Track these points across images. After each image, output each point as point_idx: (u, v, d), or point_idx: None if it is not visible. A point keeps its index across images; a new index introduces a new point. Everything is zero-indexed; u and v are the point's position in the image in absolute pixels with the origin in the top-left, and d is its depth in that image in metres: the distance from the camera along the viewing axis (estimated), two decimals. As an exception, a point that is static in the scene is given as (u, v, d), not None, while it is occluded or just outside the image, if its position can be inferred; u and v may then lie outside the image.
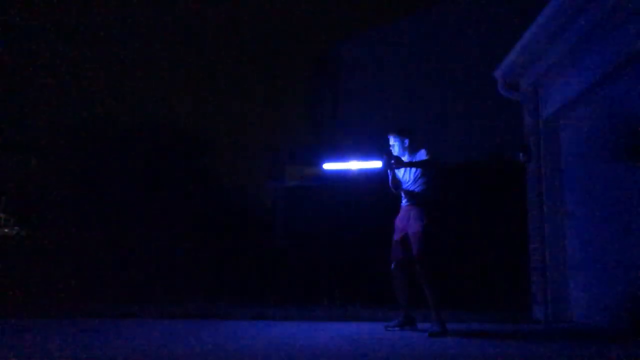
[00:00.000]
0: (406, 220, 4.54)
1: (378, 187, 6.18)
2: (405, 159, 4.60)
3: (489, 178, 7.77)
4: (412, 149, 4.63)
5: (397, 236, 4.60)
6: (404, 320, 4.62)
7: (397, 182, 4.64)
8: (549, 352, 3.61)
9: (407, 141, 4.63)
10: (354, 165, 4.79)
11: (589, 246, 5.30)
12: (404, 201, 4.63)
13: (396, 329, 4.59)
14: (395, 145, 4.65)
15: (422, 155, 4.53)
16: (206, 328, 4.74)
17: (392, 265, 4.60)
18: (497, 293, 6.50)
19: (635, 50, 4.27)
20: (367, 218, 7.83)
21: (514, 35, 5.77)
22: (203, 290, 7.28)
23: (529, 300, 5.94)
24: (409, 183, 4.58)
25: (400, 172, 4.65)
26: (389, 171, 4.61)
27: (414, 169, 4.54)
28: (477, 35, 10.98)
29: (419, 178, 4.53)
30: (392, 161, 4.45)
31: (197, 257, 8.29)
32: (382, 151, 4.59)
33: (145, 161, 10.03)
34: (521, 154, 6.10)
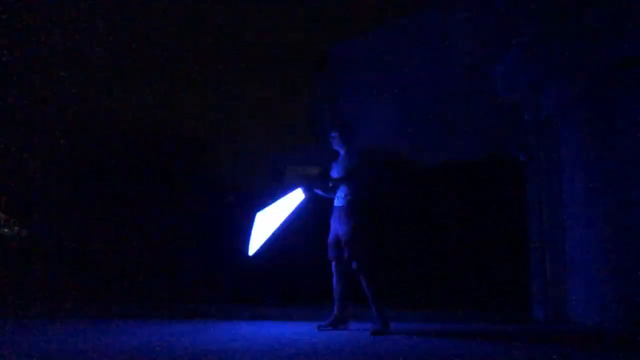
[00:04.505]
0: (338, 220, 4.60)
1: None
2: (342, 152, 4.72)
3: (488, 178, 7.76)
4: (349, 144, 4.71)
5: (331, 236, 4.66)
6: (335, 318, 4.58)
7: (332, 189, 4.68)
8: (549, 352, 3.61)
9: (344, 136, 4.70)
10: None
11: (588, 246, 5.30)
12: (335, 201, 4.68)
13: (329, 328, 4.52)
14: (334, 138, 4.73)
15: (352, 155, 4.64)
16: (206, 328, 4.74)
17: (332, 265, 4.66)
18: (497, 293, 6.51)
19: (636, 50, 4.28)
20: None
21: (514, 35, 5.77)
22: (202, 290, 7.29)
23: (529, 300, 5.94)
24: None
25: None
26: (317, 192, 4.70)
27: (342, 170, 4.63)
28: (477, 35, 10.96)
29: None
30: (311, 185, 4.63)
31: (196, 257, 8.29)
32: (299, 182, 4.69)
33: (145, 161, 10.04)
34: (521, 154, 6.11)
